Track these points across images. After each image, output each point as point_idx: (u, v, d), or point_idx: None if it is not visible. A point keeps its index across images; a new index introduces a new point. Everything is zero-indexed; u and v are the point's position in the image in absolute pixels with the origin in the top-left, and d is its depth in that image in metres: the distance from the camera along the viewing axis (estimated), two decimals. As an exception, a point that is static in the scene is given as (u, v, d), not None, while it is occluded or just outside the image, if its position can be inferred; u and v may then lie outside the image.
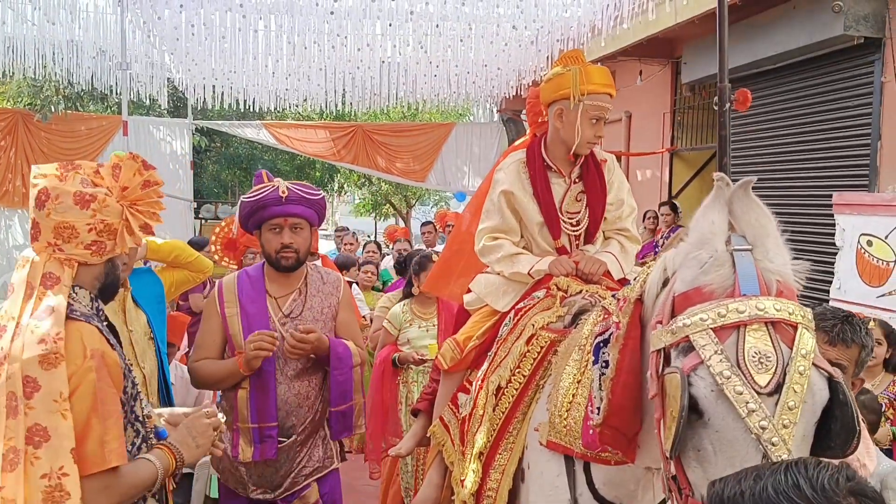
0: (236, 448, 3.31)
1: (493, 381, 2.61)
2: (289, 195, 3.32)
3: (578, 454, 2.26)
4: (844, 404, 1.52)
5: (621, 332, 1.95)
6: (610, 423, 1.95)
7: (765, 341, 1.53)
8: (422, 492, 3.04)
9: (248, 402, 3.30)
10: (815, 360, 1.54)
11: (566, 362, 2.33)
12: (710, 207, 1.69)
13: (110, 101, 15.04)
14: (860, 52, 6.98)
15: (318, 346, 3.27)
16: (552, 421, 2.32)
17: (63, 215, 2.08)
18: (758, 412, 1.47)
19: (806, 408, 1.50)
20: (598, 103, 2.91)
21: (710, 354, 1.53)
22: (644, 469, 2.14)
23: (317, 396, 3.39)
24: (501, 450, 2.54)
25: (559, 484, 2.35)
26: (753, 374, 1.50)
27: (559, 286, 2.75)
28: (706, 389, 1.53)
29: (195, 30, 9.19)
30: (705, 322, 1.57)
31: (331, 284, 3.54)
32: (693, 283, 1.66)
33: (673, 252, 1.82)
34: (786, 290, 1.61)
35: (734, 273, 1.61)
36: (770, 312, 1.55)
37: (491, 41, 9.68)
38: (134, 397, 2.15)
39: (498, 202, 3.02)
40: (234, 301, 3.39)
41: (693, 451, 1.57)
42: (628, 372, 1.91)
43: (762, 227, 1.67)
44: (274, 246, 3.36)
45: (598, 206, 3.01)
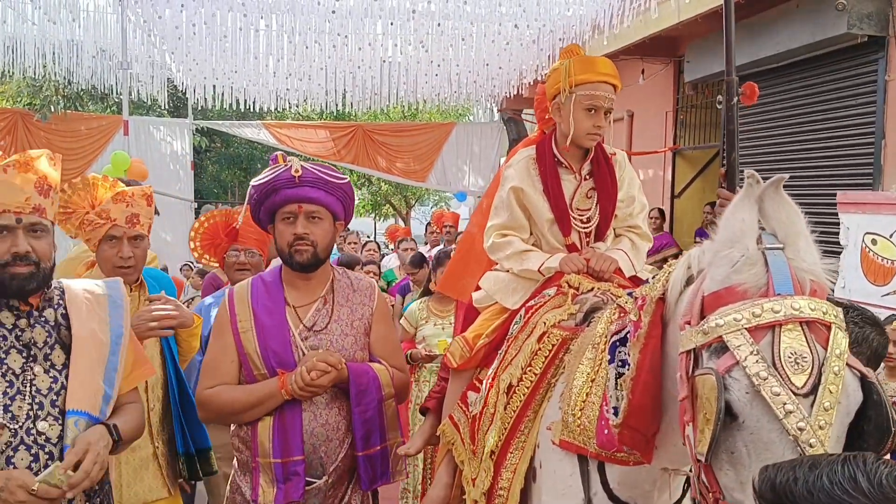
0: (256, 490, 2.76)
1: (504, 380, 2.56)
2: (303, 175, 2.77)
3: (593, 454, 2.22)
4: (879, 404, 1.50)
5: (642, 331, 1.92)
6: (629, 423, 1.92)
7: (800, 341, 1.50)
8: (431, 491, 2.98)
9: (271, 433, 2.76)
10: (849, 361, 1.52)
11: (579, 361, 2.30)
12: (739, 205, 1.66)
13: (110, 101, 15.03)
14: (864, 50, 6.96)
15: (337, 381, 2.76)
16: (565, 420, 2.29)
17: None
18: (795, 413, 1.45)
19: (840, 408, 1.48)
20: (590, 92, 2.85)
21: (745, 355, 1.50)
22: (660, 470, 2.11)
23: (349, 428, 2.82)
24: (513, 449, 2.50)
25: (572, 483, 2.31)
26: (790, 374, 1.47)
27: (570, 283, 2.70)
28: (741, 391, 1.50)
29: (196, 29, 9.20)
30: (739, 322, 1.54)
31: (362, 292, 2.98)
32: (724, 282, 1.63)
33: (698, 250, 1.79)
34: (819, 289, 1.59)
35: (767, 272, 1.58)
36: (805, 312, 1.52)
37: (493, 40, 9.68)
38: None
39: (507, 199, 2.98)
40: (248, 313, 2.84)
41: (726, 454, 1.55)
42: (649, 372, 1.88)
43: (793, 225, 1.64)
44: (286, 238, 2.80)
45: (608, 203, 2.97)
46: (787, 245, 1.62)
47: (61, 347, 2.28)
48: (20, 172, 2.19)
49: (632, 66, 10.68)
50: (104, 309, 2.40)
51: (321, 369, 2.67)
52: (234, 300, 2.89)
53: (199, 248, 4.25)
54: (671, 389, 1.82)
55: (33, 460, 2.15)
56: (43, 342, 2.25)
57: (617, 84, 2.92)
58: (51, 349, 2.26)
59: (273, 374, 2.76)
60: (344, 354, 2.80)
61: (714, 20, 8.16)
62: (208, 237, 4.23)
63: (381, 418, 2.83)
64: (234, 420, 2.85)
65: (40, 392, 2.21)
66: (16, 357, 2.20)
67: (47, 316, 2.29)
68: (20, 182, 2.18)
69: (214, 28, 9.21)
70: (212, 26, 9.16)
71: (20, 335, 2.22)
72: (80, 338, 2.29)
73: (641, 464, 2.06)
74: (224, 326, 2.85)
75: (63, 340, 2.28)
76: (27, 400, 2.18)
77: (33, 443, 2.17)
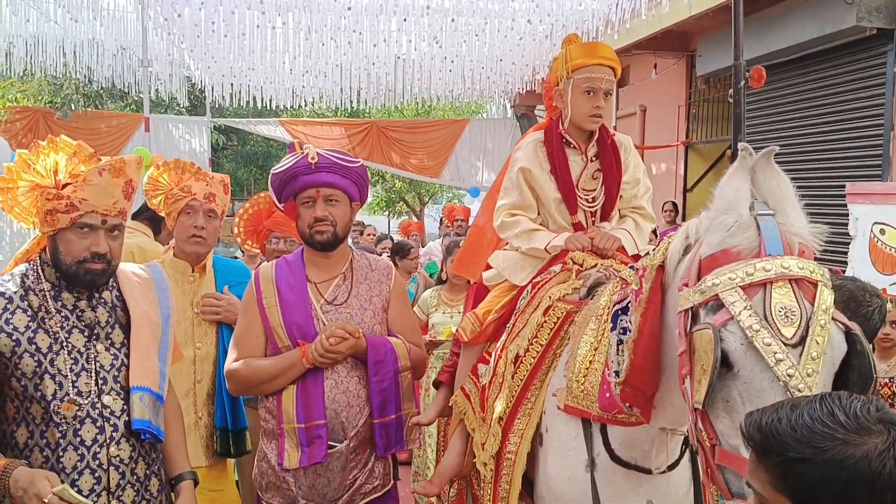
0: (282, 454, 2.92)
1: (512, 351, 2.71)
2: (319, 161, 2.95)
3: (595, 416, 2.36)
4: (861, 354, 1.64)
5: (643, 296, 2.05)
6: (630, 381, 2.06)
7: (789, 297, 1.65)
8: (445, 458, 3.12)
9: (295, 400, 2.93)
10: (834, 315, 1.65)
11: (584, 331, 2.44)
12: (733, 176, 1.80)
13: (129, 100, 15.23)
14: (873, 43, 7.05)
15: (355, 350, 2.92)
16: (570, 386, 2.42)
17: None
18: (785, 361, 1.59)
19: (826, 358, 1.61)
20: (587, 75, 2.98)
21: (739, 310, 1.65)
22: (658, 430, 2.24)
23: (368, 397, 2.98)
24: (520, 415, 2.63)
25: (577, 445, 2.44)
26: (780, 327, 1.61)
27: (575, 260, 2.84)
28: (736, 343, 1.64)
29: (214, 27, 9.33)
30: (734, 280, 1.68)
31: (380, 272, 3.14)
32: (720, 245, 1.77)
33: (695, 221, 1.92)
34: (807, 250, 1.73)
35: (759, 235, 1.72)
36: (794, 270, 1.67)
37: (505, 35, 9.77)
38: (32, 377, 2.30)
39: (516, 179, 3.10)
40: (272, 290, 3.01)
41: (721, 403, 1.69)
42: (649, 335, 2.01)
43: (783, 193, 1.78)
44: (307, 221, 2.99)
45: (613, 184, 3.09)
46: (778, 211, 1.76)
47: (120, 327, 2.45)
48: (113, 177, 2.33)
49: (644, 60, 10.78)
50: (153, 291, 2.58)
51: (339, 336, 2.83)
52: (259, 279, 3.06)
53: (243, 234, 4.39)
54: (670, 352, 1.96)
55: (98, 432, 2.33)
56: (105, 322, 2.42)
57: (615, 66, 3.03)
58: (111, 328, 2.43)
59: (296, 346, 2.92)
60: (363, 327, 2.96)
61: (725, 13, 8.25)
62: (252, 224, 4.36)
63: (396, 388, 2.98)
64: (259, 390, 3.00)
65: (104, 368, 2.38)
66: (78, 336, 2.37)
67: (106, 297, 2.46)
68: (111, 186, 2.33)
69: (232, 26, 9.35)
70: (230, 24, 9.31)
71: (81, 315, 2.38)
72: (137, 318, 2.47)
73: (641, 424, 2.20)
74: (251, 304, 3.02)
75: (120, 320, 2.45)
76: (92, 376, 2.35)
77: (98, 416, 2.34)
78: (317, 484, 2.93)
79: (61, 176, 2.34)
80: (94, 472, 2.31)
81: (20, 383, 2.29)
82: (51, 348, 2.31)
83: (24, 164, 2.37)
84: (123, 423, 2.36)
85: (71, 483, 2.22)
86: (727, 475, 1.68)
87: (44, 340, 2.31)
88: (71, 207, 2.29)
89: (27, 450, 2.29)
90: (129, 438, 2.37)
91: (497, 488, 2.65)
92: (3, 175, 2.40)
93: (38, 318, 2.33)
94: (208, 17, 9.17)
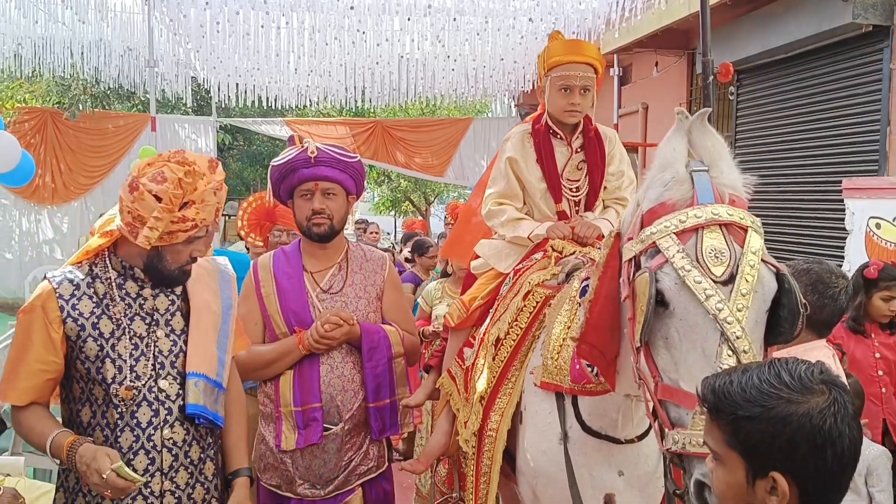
0: (279, 436, 3.05)
1: (493, 333, 2.85)
2: (318, 156, 3.05)
3: (567, 389, 2.51)
4: (790, 292, 1.79)
5: (601, 261, 2.19)
6: (587, 339, 2.18)
7: (720, 240, 1.81)
8: (432, 438, 3.25)
9: (292, 384, 3.06)
10: (764, 257, 1.80)
11: (558, 312, 2.59)
12: (671, 137, 1.97)
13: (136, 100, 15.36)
14: (869, 39, 7.11)
15: (349, 337, 3.06)
16: (545, 364, 2.57)
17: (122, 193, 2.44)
18: (714, 297, 1.74)
19: (757, 296, 1.76)
20: (562, 73, 3.12)
21: (673, 253, 1.81)
22: (624, 397, 2.36)
23: (363, 381, 3.11)
24: (501, 394, 2.77)
25: (551, 420, 2.58)
26: (710, 266, 1.78)
27: (555, 248, 2.97)
28: (670, 282, 1.80)
29: (219, 27, 9.45)
30: (669, 228, 1.85)
31: (375, 262, 3.27)
32: (658, 199, 1.93)
33: (644, 184, 2.07)
34: (738, 200, 1.90)
35: (693, 188, 1.88)
36: (724, 216, 1.83)
37: (507, 34, 9.86)
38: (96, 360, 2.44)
39: (504, 169, 3.24)
40: (270, 279, 3.15)
41: (661, 340, 1.84)
42: (606, 297, 2.13)
43: (716, 151, 1.95)
44: (305, 213, 3.10)
45: (597, 175, 3.21)
46: (711, 167, 1.92)
47: (181, 315, 2.57)
48: (217, 191, 2.47)
49: (646, 58, 10.85)
50: (216, 282, 2.71)
51: (334, 322, 2.98)
52: (258, 269, 3.21)
53: (246, 227, 4.52)
54: (628, 312, 2.07)
55: (154, 414, 2.45)
56: (165, 309, 2.55)
57: (594, 63, 3.16)
58: (171, 316, 2.56)
59: (293, 333, 3.06)
60: (357, 315, 3.10)
61: (723, 11, 8.34)
62: (255, 217, 4.49)
63: (390, 374, 3.13)
64: (258, 375, 3.13)
65: (162, 353, 2.51)
66: (140, 323, 2.50)
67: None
68: (215, 200, 2.47)
69: (237, 26, 9.46)
70: (235, 25, 9.42)
71: (143, 304, 2.52)
72: (196, 307, 2.60)
73: (608, 392, 2.32)
74: (249, 293, 3.16)
75: (181, 309, 2.58)
76: (150, 361, 2.48)
77: (154, 399, 2.46)
78: (313, 465, 3.05)
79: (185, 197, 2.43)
80: (148, 452, 2.44)
81: (84, 366, 2.43)
82: (113, 334, 2.44)
83: (176, 183, 2.39)
84: (178, 407, 2.49)
85: (126, 462, 2.34)
86: (668, 408, 1.80)
87: (107, 326, 2.45)
88: (193, 227, 2.42)
89: (90, 428, 2.45)
90: (183, 422, 2.49)
91: (480, 464, 2.78)
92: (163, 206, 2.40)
93: (102, 304, 2.46)
94: (213, 18, 9.29)
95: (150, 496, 2.43)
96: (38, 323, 2.41)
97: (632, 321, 1.90)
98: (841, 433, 1.30)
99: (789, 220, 8.19)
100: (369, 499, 3.17)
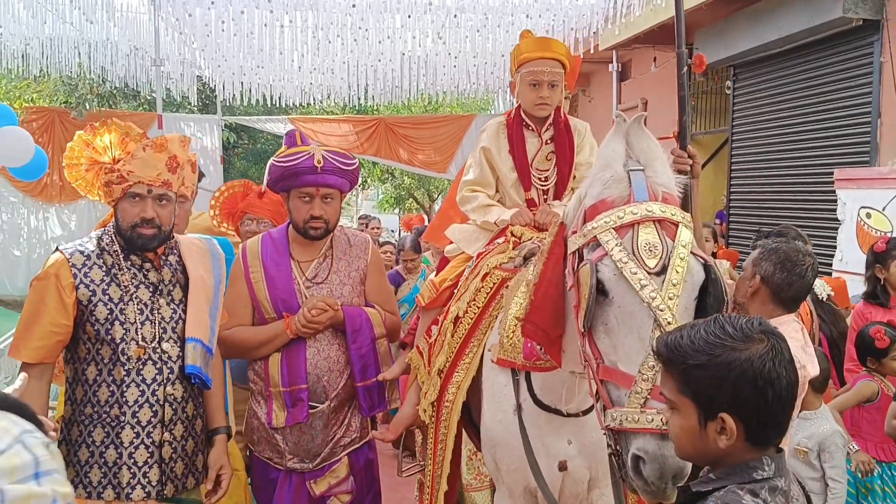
0: (270, 414, 3.26)
1: (453, 312, 3.06)
2: (324, 165, 3.21)
3: (520, 365, 2.70)
4: (716, 281, 1.99)
5: (545, 248, 2.38)
6: (531, 319, 2.35)
7: (653, 235, 1.99)
8: (402, 410, 3.45)
9: (280, 366, 3.25)
10: (693, 250, 1.99)
11: (515, 294, 2.77)
12: (611, 139, 2.15)
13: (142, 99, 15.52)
14: (860, 33, 7.27)
15: (333, 321, 3.25)
16: (501, 342, 2.76)
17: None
18: (648, 286, 1.92)
19: (687, 285, 1.96)
20: (530, 69, 3.30)
21: (612, 247, 1.99)
22: (569, 374, 2.53)
23: (347, 362, 3.31)
24: (458, 369, 2.97)
25: (507, 392, 2.77)
26: (645, 259, 1.96)
27: (514, 233, 3.15)
28: (609, 273, 1.99)
29: (224, 27, 9.58)
30: (608, 224, 2.03)
31: (358, 247, 3.45)
32: (598, 196, 2.11)
33: (586, 181, 2.25)
34: (670, 198, 2.08)
35: (630, 187, 2.07)
36: (657, 213, 2.01)
37: (507, 31, 9.96)
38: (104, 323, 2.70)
39: (479, 157, 3.42)
40: (259, 265, 3.32)
41: (602, 326, 2.02)
42: (549, 280, 2.30)
43: (652, 152, 2.12)
44: (303, 216, 3.26)
45: (565, 165, 3.38)
46: (647, 167, 2.10)
47: (180, 286, 2.85)
48: (155, 152, 2.71)
49: (644, 54, 11.01)
50: (208, 259, 2.99)
51: (321, 308, 3.20)
52: (247, 254, 3.40)
53: (219, 217, 4.65)
54: (573, 300, 2.24)
55: (158, 373, 2.75)
56: (168, 280, 2.83)
57: (562, 59, 3.33)
58: (173, 286, 2.84)
59: (281, 317, 3.28)
60: (342, 300, 3.32)
61: (719, 7, 8.50)
62: (227, 206, 4.63)
63: (374, 354, 3.37)
64: (248, 355, 3.37)
65: (164, 319, 2.79)
66: (144, 291, 2.78)
67: (171, 261, 2.86)
68: (155, 160, 2.70)
69: (241, 25, 9.61)
70: (239, 24, 9.56)
71: (146, 275, 2.79)
72: (194, 280, 2.87)
73: (555, 369, 2.49)
74: (239, 277, 3.35)
75: (180, 281, 2.86)
76: (154, 326, 2.75)
77: (158, 359, 2.76)
78: (301, 440, 3.30)
79: (115, 153, 2.71)
80: (152, 406, 2.72)
81: (94, 328, 2.69)
82: (121, 299, 2.72)
83: (83, 143, 2.76)
84: (178, 367, 2.78)
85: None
86: (609, 388, 1.99)
87: (115, 292, 2.72)
88: (121, 179, 2.68)
89: (95, 385, 2.71)
90: (182, 381, 2.78)
91: (437, 433, 3.00)
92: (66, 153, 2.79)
93: (111, 273, 2.73)
94: (218, 17, 9.43)
95: (151, 445, 2.71)
96: (52, 289, 2.67)
97: (576, 308, 2.07)
98: (779, 375, 1.47)
99: (783, 209, 8.35)
100: (355, 466, 3.39)
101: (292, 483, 3.32)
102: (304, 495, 3.32)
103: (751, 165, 9.11)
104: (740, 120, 9.34)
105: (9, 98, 13.54)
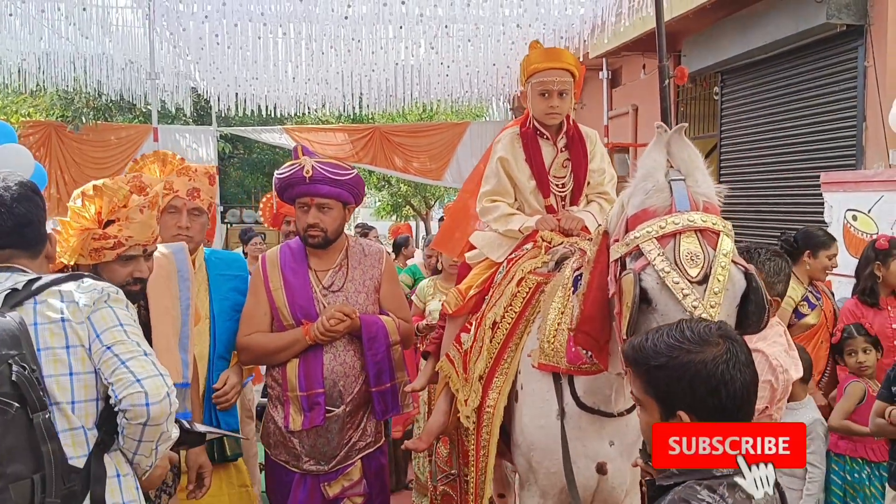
0: (287, 418, 3.34)
1: (490, 318, 3.10)
2: (313, 175, 3.30)
3: (564, 370, 2.75)
4: (757, 290, 2.04)
5: (590, 257, 2.44)
6: (582, 328, 2.43)
7: (695, 245, 2.04)
8: (432, 418, 3.52)
9: (298, 371, 3.33)
10: (734, 258, 2.05)
11: (552, 299, 2.84)
12: (652, 149, 2.20)
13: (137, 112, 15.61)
14: (844, 39, 7.36)
15: (351, 329, 3.33)
16: (542, 347, 2.81)
17: None
18: (690, 296, 1.97)
19: (728, 294, 2.00)
20: (541, 79, 3.37)
21: (654, 256, 2.04)
22: (616, 375, 2.59)
23: (363, 368, 3.39)
24: (498, 374, 3.02)
25: (549, 398, 2.83)
26: (687, 268, 2.00)
27: (544, 238, 3.22)
28: (652, 282, 2.03)
29: (219, 40, 9.68)
30: (651, 233, 2.07)
31: (373, 257, 3.54)
32: (640, 206, 2.16)
33: (628, 190, 2.30)
34: (711, 207, 2.13)
35: (671, 196, 2.11)
36: (698, 223, 2.05)
37: (498, 40, 10.07)
38: None
39: (496, 168, 3.49)
40: (278, 274, 3.42)
41: None
42: (597, 289, 2.37)
43: (693, 162, 2.17)
44: (302, 224, 3.40)
45: (581, 172, 3.47)
46: (688, 176, 2.14)
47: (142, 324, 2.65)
48: (151, 211, 2.62)
49: (634, 61, 11.11)
50: (175, 283, 2.88)
51: (338, 317, 3.28)
52: (266, 264, 3.49)
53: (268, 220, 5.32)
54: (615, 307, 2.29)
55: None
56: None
57: (571, 69, 3.40)
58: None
59: (299, 324, 3.36)
60: (357, 308, 3.39)
61: (706, 14, 8.61)
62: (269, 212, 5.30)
63: (389, 360, 3.42)
64: (267, 361, 3.46)
65: None
66: None
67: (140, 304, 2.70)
68: (150, 220, 2.62)
69: (235, 38, 9.69)
70: (233, 37, 9.64)
71: None
72: (156, 316, 2.78)
73: (601, 372, 2.56)
74: (258, 285, 3.45)
75: (142, 318, 2.69)
76: None
77: None
78: (318, 443, 3.36)
79: (104, 216, 2.56)
80: None
81: None
82: None
83: (74, 215, 2.60)
84: None
85: None
86: None
87: None
88: (118, 245, 2.53)
89: None
90: None
91: (479, 438, 3.03)
92: (59, 229, 2.61)
93: None
94: (213, 31, 9.52)
95: None
96: None
97: (619, 315, 2.12)
98: (733, 377, 1.58)
99: (771, 212, 8.45)
100: (368, 470, 3.46)
101: (307, 485, 3.40)
102: (318, 497, 3.39)
103: (739, 170, 9.21)
104: (728, 125, 9.45)
105: (5, 113, 13.61)
